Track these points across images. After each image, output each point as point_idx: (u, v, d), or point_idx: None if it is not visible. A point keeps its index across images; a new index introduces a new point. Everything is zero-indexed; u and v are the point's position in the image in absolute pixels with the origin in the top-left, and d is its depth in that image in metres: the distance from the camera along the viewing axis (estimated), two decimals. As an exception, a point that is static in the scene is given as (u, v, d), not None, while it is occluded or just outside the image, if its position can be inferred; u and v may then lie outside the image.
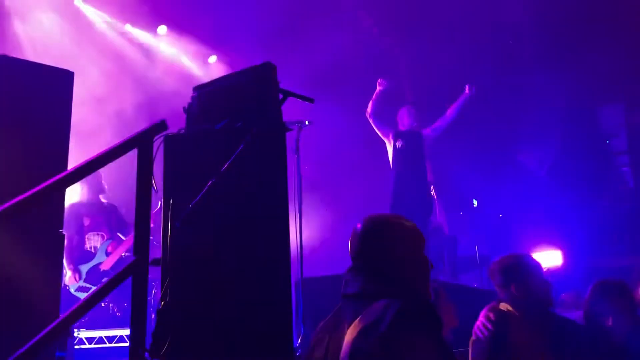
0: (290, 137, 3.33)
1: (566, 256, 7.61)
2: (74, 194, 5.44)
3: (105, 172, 5.56)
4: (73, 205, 5.38)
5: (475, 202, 7.03)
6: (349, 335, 1.63)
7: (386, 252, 1.77)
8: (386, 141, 6.46)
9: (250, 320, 2.45)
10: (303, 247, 3.93)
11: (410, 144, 6.31)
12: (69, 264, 5.20)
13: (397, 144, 6.32)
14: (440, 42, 7.53)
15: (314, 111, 4.02)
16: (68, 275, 5.19)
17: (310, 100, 2.80)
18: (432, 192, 6.44)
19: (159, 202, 2.68)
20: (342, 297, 1.77)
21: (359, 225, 1.88)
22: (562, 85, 7.55)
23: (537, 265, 2.97)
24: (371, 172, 7.22)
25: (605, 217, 7.59)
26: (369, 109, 6.39)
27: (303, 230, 3.95)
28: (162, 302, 2.57)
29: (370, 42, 7.84)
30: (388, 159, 6.50)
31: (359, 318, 1.63)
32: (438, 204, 6.49)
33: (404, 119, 6.46)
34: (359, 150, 7.43)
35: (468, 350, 2.88)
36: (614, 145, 8.36)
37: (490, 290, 4.80)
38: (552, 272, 7.31)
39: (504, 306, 2.91)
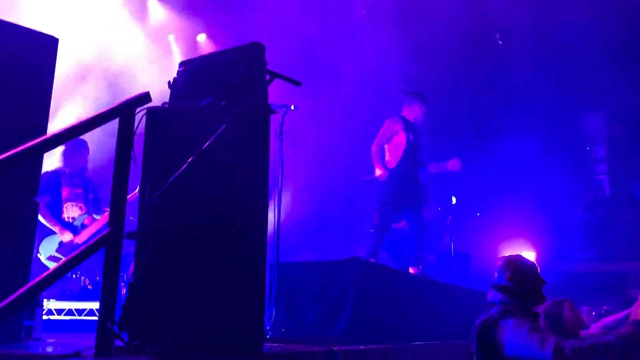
0: (274, 120, 3.32)
1: (539, 258, 7.72)
2: (56, 162, 5.36)
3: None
4: (55, 172, 5.30)
5: (454, 199, 7.07)
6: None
7: (507, 279, 3.06)
8: (392, 139, 5.73)
9: (222, 298, 2.44)
10: (282, 232, 3.92)
11: (419, 138, 5.84)
12: (54, 224, 5.14)
13: (410, 136, 5.72)
14: (427, 38, 7.56)
15: (301, 95, 4.00)
16: (57, 232, 5.14)
17: (298, 83, 2.78)
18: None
19: (138, 187, 2.64)
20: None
21: (498, 262, 3.21)
22: (548, 87, 7.62)
23: None
24: (355, 161, 7.19)
25: (579, 223, 7.70)
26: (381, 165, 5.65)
27: (283, 215, 3.94)
28: (134, 276, 2.55)
29: (363, 33, 7.81)
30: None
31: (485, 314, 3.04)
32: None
33: (416, 113, 5.86)
34: (344, 137, 7.42)
35: (471, 342, 2.96)
36: (594, 152, 8.47)
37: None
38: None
39: None
